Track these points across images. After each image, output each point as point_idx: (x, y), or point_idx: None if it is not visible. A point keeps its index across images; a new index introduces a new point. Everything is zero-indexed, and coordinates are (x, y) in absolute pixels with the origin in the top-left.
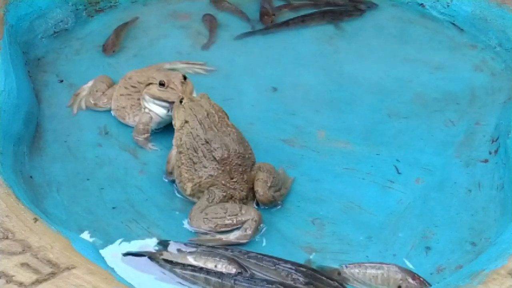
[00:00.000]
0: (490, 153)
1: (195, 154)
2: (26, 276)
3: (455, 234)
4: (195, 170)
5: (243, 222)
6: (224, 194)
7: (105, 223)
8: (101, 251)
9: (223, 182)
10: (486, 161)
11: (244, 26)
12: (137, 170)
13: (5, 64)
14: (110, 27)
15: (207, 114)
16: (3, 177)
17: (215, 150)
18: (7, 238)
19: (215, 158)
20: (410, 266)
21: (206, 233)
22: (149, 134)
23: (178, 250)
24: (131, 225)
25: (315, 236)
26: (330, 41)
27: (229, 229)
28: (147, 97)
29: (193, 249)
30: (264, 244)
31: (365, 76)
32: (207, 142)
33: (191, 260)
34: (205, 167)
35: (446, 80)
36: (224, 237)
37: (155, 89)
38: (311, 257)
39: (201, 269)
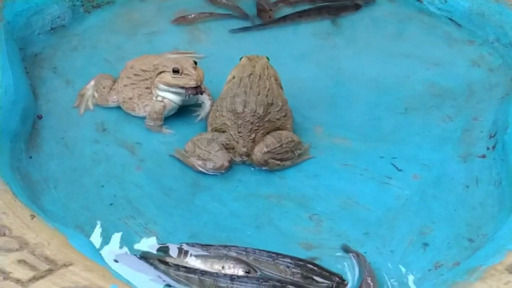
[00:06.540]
0: (487, 148)
1: (222, 104)
2: (23, 273)
3: (452, 230)
4: (216, 117)
5: (211, 160)
6: (228, 142)
7: (103, 219)
8: (98, 248)
9: (231, 132)
10: (483, 156)
11: (241, 21)
12: (134, 167)
13: (2, 61)
14: (108, 23)
15: (250, 74)
16: (0, 174)
17: (235, 103)
18: (4, 235)
19: (231, 110)
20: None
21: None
22: (162, 121)
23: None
24: (129, 222)
25: (313, 232)
26: (327, 36)
27: (200, 158)
28: (160, 86)
29: (191, 251)
30: (261, 240)
31: (362, 72)
32: (234, 96)
33: (196, 263)
34: (223, 116)
35: (443, 75)
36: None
37: (169, 77)
38: (308, 253)
39: (195, 271)
